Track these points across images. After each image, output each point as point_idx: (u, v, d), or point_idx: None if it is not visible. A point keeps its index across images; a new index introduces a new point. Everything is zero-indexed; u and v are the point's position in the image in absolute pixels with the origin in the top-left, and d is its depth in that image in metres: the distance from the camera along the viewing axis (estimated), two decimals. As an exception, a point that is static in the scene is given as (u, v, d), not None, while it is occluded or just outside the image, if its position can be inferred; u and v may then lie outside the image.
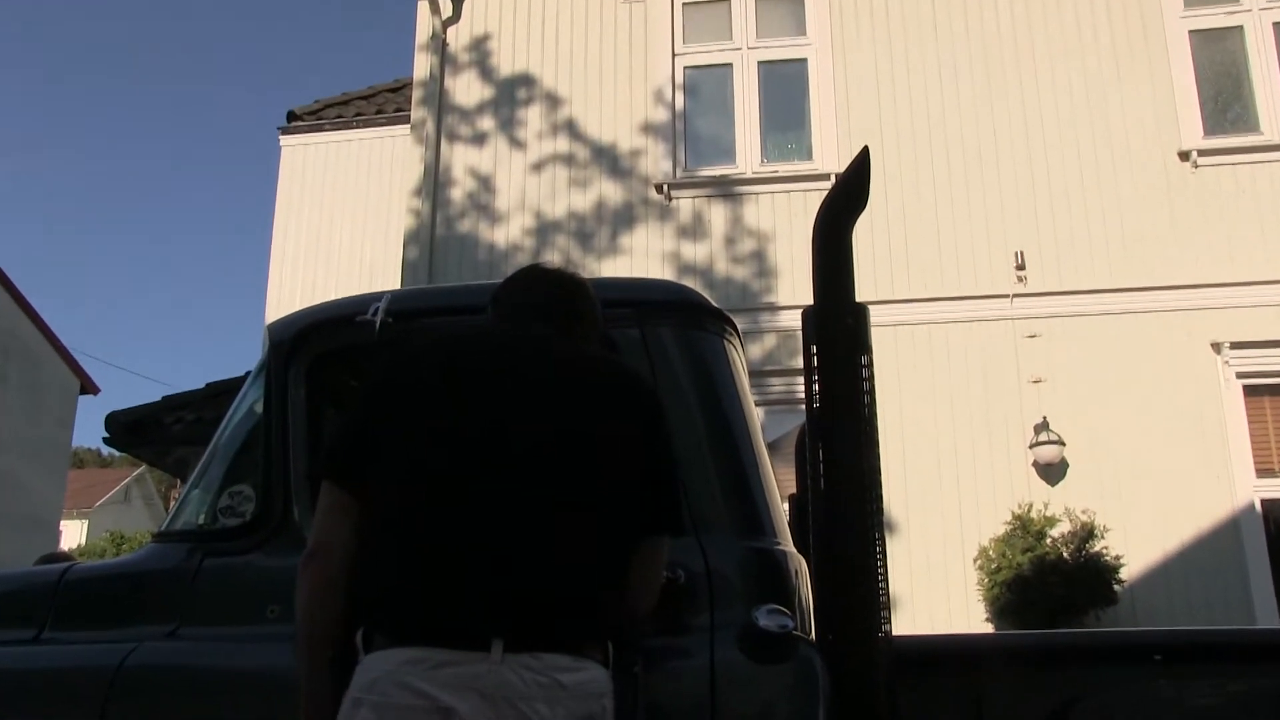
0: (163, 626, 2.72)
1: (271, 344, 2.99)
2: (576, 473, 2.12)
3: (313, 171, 13.40)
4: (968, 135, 9.77)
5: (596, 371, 2.28)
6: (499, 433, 2.12)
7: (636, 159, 10.27)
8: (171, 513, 3.18)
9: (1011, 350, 9.16)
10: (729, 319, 3.00)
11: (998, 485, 8.82)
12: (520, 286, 2.49)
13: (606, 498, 2.14)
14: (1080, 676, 2.74)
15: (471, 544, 2.02)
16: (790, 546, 2.78)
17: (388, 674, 1.96)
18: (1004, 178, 9.61)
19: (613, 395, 2.24)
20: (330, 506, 2.19)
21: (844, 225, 2.67)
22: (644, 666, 2.25)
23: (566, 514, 2.08)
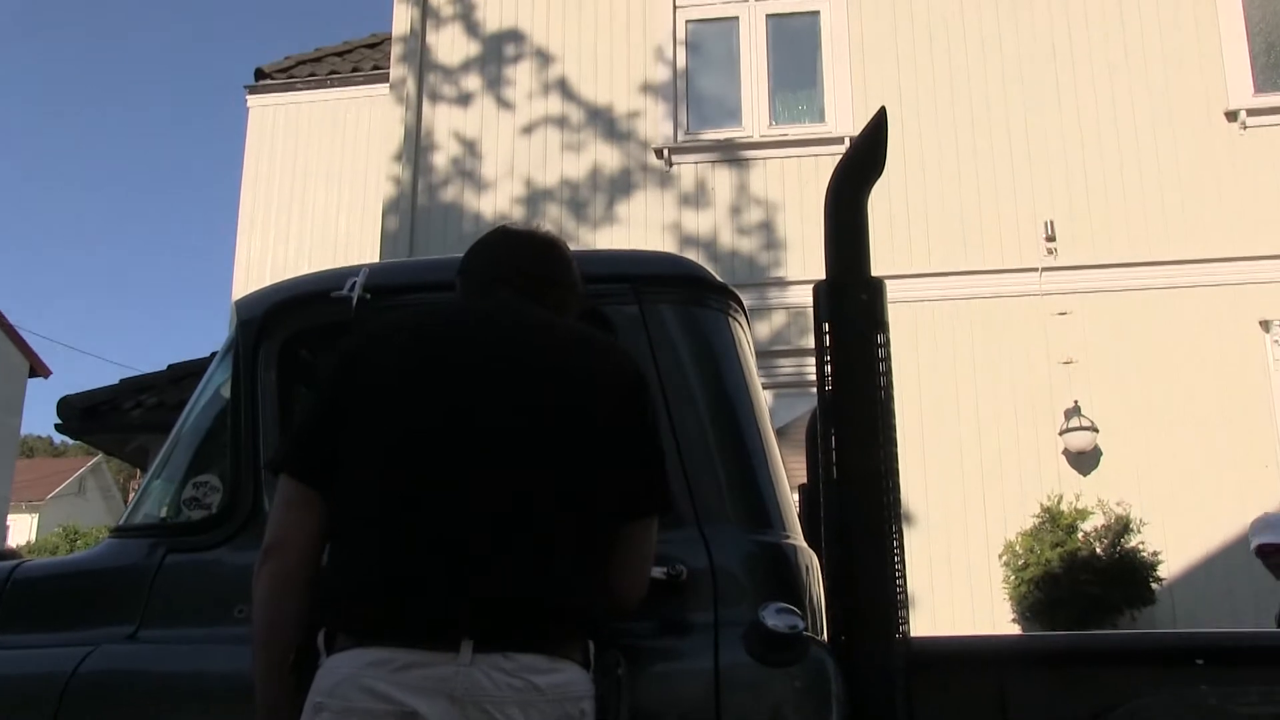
0: (121, 628, 2.73)
1: (239, 322, 2.98)
2: (552, 458, 2.13)
3: (283, 135, 13.38)
4: (993, 94, 9.75)
5: (574, 347, 2.29)
6: (469, 419, 2.13)
7: (634, 121, 10.25)
8: (131, 505, 3.18)
9: (1040, 329, 9.16)
10: (734, 294, 3.00)
11: (1025, 475, 8.84)
12: (488, 254, 2.49)
13: (586, 483, 2.15)
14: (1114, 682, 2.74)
15: (439, 537, 2.04)
16: (800, 540, 2.78)
17: (350, 677, 1.97)
18: (1032, 141, 9.60)
19: (592, 371, 2.25)
20: (289, 500, 2.20)
21: (859, 193, 2.67)
22: (628, 667, 2.26)
23: (542, 502, 2.09)
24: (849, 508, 2.53)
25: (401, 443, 2.12)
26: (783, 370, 9.33)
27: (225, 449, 2.92)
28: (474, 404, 2.14)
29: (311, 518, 2.17)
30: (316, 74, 13.52)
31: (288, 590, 2.14)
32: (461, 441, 2.11)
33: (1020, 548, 8.38)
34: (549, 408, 2.17)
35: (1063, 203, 9.44)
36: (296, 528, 2.17)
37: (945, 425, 8.97)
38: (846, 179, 2.69)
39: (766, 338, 9.31)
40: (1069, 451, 8.82)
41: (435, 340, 2.26)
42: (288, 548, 2.16)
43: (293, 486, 2.20)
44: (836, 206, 2.68)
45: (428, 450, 2.10)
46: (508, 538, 2.04)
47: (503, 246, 2.50)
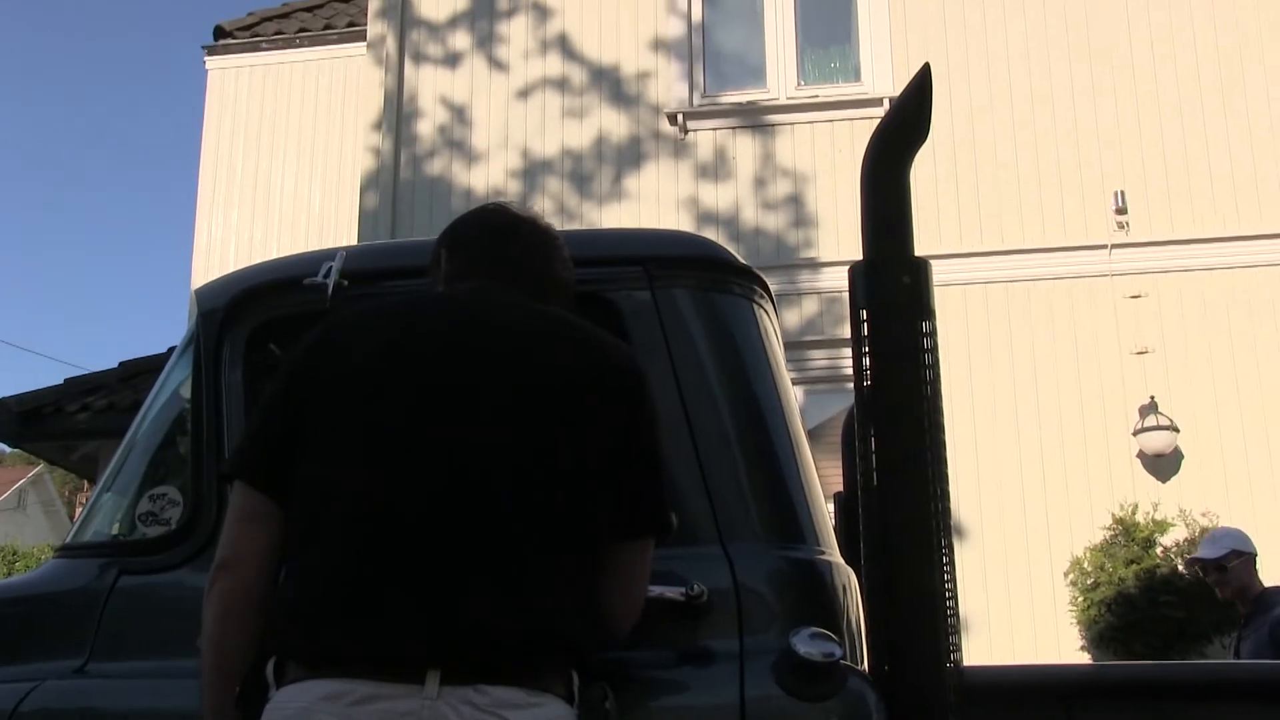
0: (68, 661, 2.74)
1: (201, 313, 3.00)
2: (535, 468, 2.14)
3: (247, 101, 13.40)
4: (1055, 48, 9.73)
5: (561, 342, 2.29)
6: (440, 424, 2.14)
7: (644, 83, 10.25)
8: (78, 521, 3.20)
9: (1110, 314, 9.15)
10: (759, 278, 3.00)
11: (1094, 481, 8.82)
12: (464, 239, 2.50)
13: (573, 496, 2.16)
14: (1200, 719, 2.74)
15: (404, 554, 2.04)
16: (836, 556, 2.79)
17: (301, 711, 1.98)
18: (1101, 102, 9.57)
19: (581, 370, 2.26)
20: (242, 514, 2.22)
21: (900, 162, 2.67)
22: (617, 701, 2.26)
23: (521, 517, 2.10)
24: (891, 519, 2.54)
25: (363, 450, 2.13)
26: (815, 364, 9.34)
27: (185, 457, 2.94)
28: (446, 407, 2.16)
29: (268, 531, 2.19)
30: (284, 32, 13.54)
31: (241, 612, 2.16)
32: (431, 448, 2.12)
33: (1089, 565, 8.37)
34: (532, 412, 2.18)
35: (1135, 171, 9.42)
36: (251, 542, 2.19)
37: (1001, 425, 8.95)
38: (886, 146, 2.69)
39: (796, 327, 9.31)
40: (1145, 454, 8.81)
41: (403, 336, 2.27)
42: (242, 564, 2.18)
43: (248, 496, 2.22)
44: (875, 177, 2.68)
45: (392, 458, 2.11)
46: (481, 556, 2.05)
47: (481, 230, 2.51)
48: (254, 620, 2.14)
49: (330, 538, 2.08)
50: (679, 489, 2.60)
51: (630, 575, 2.28)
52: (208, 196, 13.24)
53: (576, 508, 2.16)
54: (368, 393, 2.18)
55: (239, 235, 12.93)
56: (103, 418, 11.08)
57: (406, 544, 2.05)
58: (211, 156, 13.34)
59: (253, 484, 2.22)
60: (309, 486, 2.15)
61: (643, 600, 2.32)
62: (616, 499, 2.22)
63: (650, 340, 2.72)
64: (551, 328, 2.32)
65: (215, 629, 2.18)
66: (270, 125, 13.29)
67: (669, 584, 2.46)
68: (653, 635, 2.45)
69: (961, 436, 8.38)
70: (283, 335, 2.88)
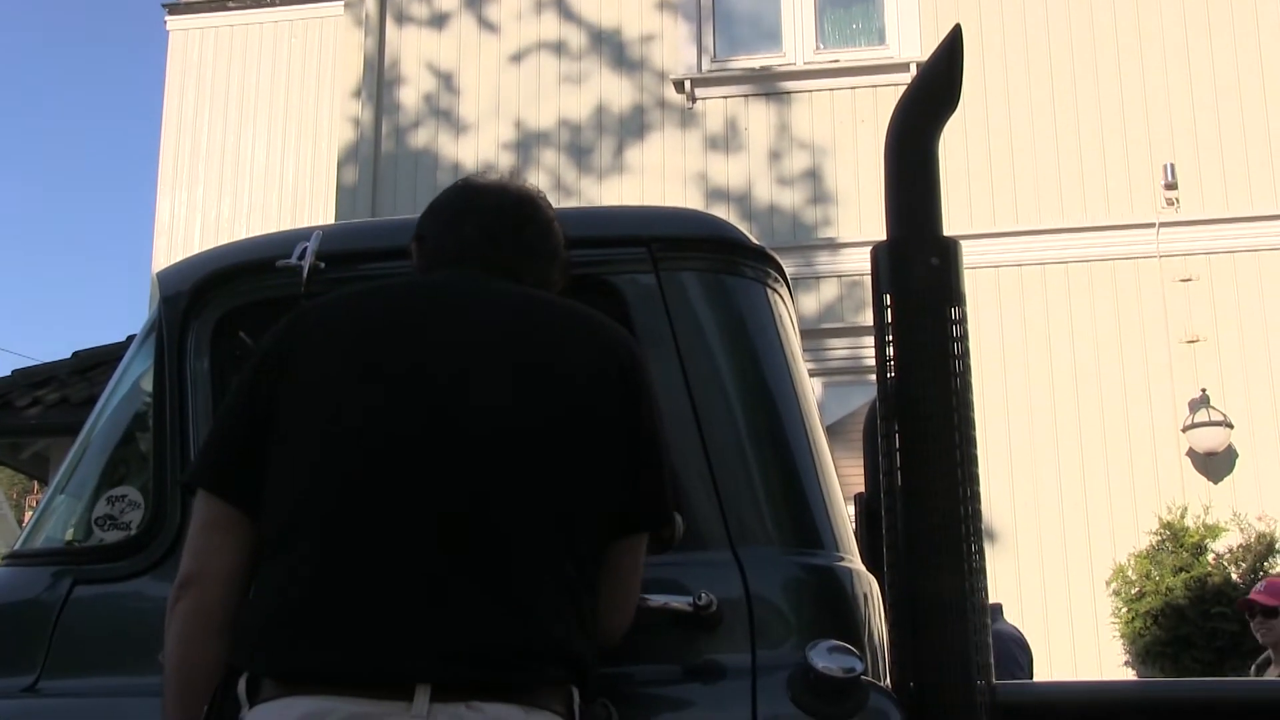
0: (18, 679, 2.74)
1: (163, 298, 3.00)
2: (527, 463, 2.14)
3: (212, 66, 13.40)
4: (1100, 8, 9.72)
5: (553, 327, 2.30)
6: (423, 418, 2.14)
7: (649, 47, 10.25)
8: (29, 526, 3.20)
9: (1158, 299, 9.15)
10: (774, 260, 3.01)
11: (1139, 482, 8.83)
12: (447, 218, 2.50)
13: (569, 494, 2.17)
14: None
15: (387, 561, 2.05)
16: (857, 562, 2.79)
17: None
18: (1149, 66, 9.56)
19: (575, 356, 2.27)
20: (208, 523, 2.22)
21: (928, 133, 2.68)
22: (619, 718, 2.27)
23: (513, 517, 2.11)
24: (917, 523, 2.54)
25: (340, 449, 2.14)
26: (835, 353, 9.35)
27: (147, 456, 2.94)
28: (430, 403, 2.16)
29: (235, 542, 2.19)
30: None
31: (207, 630, 2.16)
32: (414, 447, 2.12)
33: (1134, 573, 8.39)
34: (522, 405, 2.18)
35: (1186, 144, 9.41)
36: (217, 554, 2.19)
37: (1038, 421, 8.96)
38: (913, 115, 2.70)
39: (814, 313, 9.32)
40: (1195, 452, 8.82)
41: (381, 324, 2.27)
42: (207, 579, 2.18)
43: (211, 505, 2.22)
44: (900, 150, 2.69)
45: (372, 458, 2.12)
46: (472, 562, 2.06)
47: (465, 207, 2.50)
48: (221, 639, 2.14)
49: (306, 544, 2.08)
50: (685, 490, 2.60)
51: (624, 575, 2.29)
52: (170, 171, 13.25)
53: (573, 508, 2.17)
54: (344, 388, 2.19)
55: (205, 212, 12.95)
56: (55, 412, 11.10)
57: (390, 550, 2.06)
58: (174, 126, 13.35)
59: (217, 492, 2.22)
60: (282, 489, 2.15)
61: (635, 603, 2.33)
62: (614, 494, 2.23)
63: (654, 327, 2.73)
64: (539, 314, 2.33)
65: (179, 649, 2.18)
66: (239, 92, 13.30)
67: (675, 593, 2.46)
68: (658, 648, 2.46)
69: (994, 433, 8.39)
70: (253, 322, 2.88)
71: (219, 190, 13.05)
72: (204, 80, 13.37)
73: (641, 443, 2.28)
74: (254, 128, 13.17)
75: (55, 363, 12.18)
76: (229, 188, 13.05)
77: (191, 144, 13.24)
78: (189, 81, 13.40)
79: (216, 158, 13.16)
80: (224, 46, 13.44)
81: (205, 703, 2.14)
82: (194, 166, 13.17)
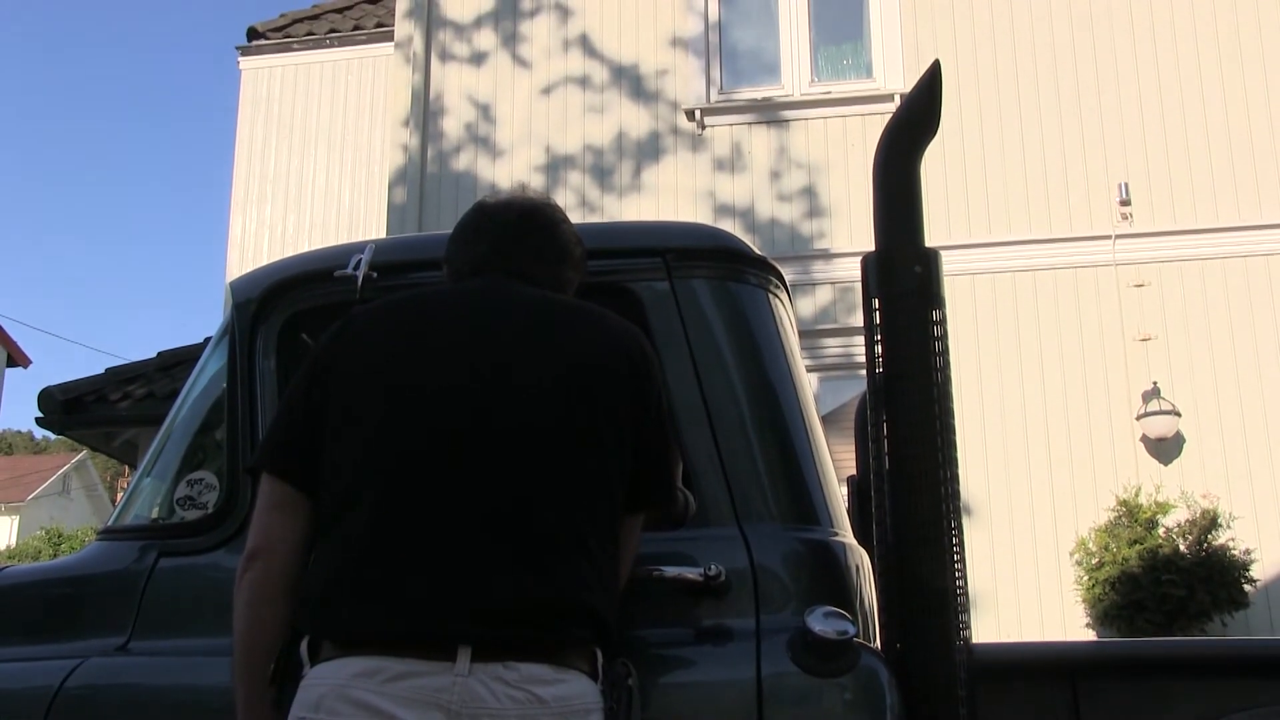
0: (111, 639, 2.75)
1: (235, 305, 3.00)
2: (553, 446, 2.15)
3: (279, 100, 13.42)
4: (1061, 45, 9.69)
5: (570, 324, 2.30)
6: (458, 407, 2.15)
7: (663, 80, 10.23)
8: (119, 505, 3.21)
9: (1114, 302, 9.12)
10: (775, 268, 3.00)
11: (1099, 464, 8.80)
12: (467, 236, 2.50)
13: (591, 473, 2.17)
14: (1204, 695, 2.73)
15: (433, 535, 2.05)
16: (850, 538, 2.78)
17: (336, 688, 1.98)
18: (1105, 95, 9.53)
19: (590, 350, 2.27)
20: (271, 504, 2.22)
21: (911, 155, 2.66)
22: (639, 677, 2.26)
23: (543, 495, 2.11)
24: (903, 501, 2.53)
25: (387, 435, 2.14)
26: (829, 351, 9.32)
27: (221, 443, 2.95)
28: (466, 393, 2.16)
29: (296, 520, 2.20)
30: (315, 32, 13.55)
31: (271, 598, 2.17)
32: (452, 431, 2.13)
33: (1094, 545, 8.35)
34: (548, 394, 2.18)
35: (1139, 163, 9.38)
36: (280, 530, 2.20)
37: (1009, 410, 8.94)
38: (897, 140, 2.68)
39: (810, 315, 9.30)
40: (1148, 438, 8.78)
41: (421, 326, 2.28)
42: (270, 553, 2.19)
43: (274, 487, 2.23)
44: (886, 170, 2.67)
45: (416, 443, 2.12)
46: (507, 535, 2.06)
47: (477, 227, 2.50)
48: (284, 606, 2.16)
49: (360, 521, 2.09)
50: (696, 472, 2.60)
51: (625, 548, 2.30)
52: (242, 192, 13.26)
53: (595, 486, 2.17)
54: (386, 383, 2.19)
55: (272, 229, 12.96)
56: (142, 405, 11.13)
57: (434, 524, 2.06)
58: (245, 153, 13.36)
59: (279, 475, 2.23)
60: (336, 472, 2.16)
61: (628, 571, 2.33)
62: (626, 475, 2.23)
63: (669, 329, 2.72)
64: (561, 314, 2.33)
65: (247, 615, 2.19)
66: (302, 123, 13.31)
67: (688, 565, 2.46)
68: (673, 614, 2.46)
69: (970, 421, 8.37)
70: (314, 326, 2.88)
71: (284, 209, 13.06)
72: (272, 112, 13.39)
73: (650, 429, 2.29)
74: (315, 154, 13.18)
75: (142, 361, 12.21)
76: (293, 207, 13.06)
77: (260, 167, 13.25)
78: (259, 113, 13.42)
79: (282, 180, 13.17)
80: (290, 83, 13.45)
81: (271, 661, 2.14)
82: (263, 188, 13.19)
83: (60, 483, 47.67)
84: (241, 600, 2.20)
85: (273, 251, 12.15)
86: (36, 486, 46.43)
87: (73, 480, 48.60)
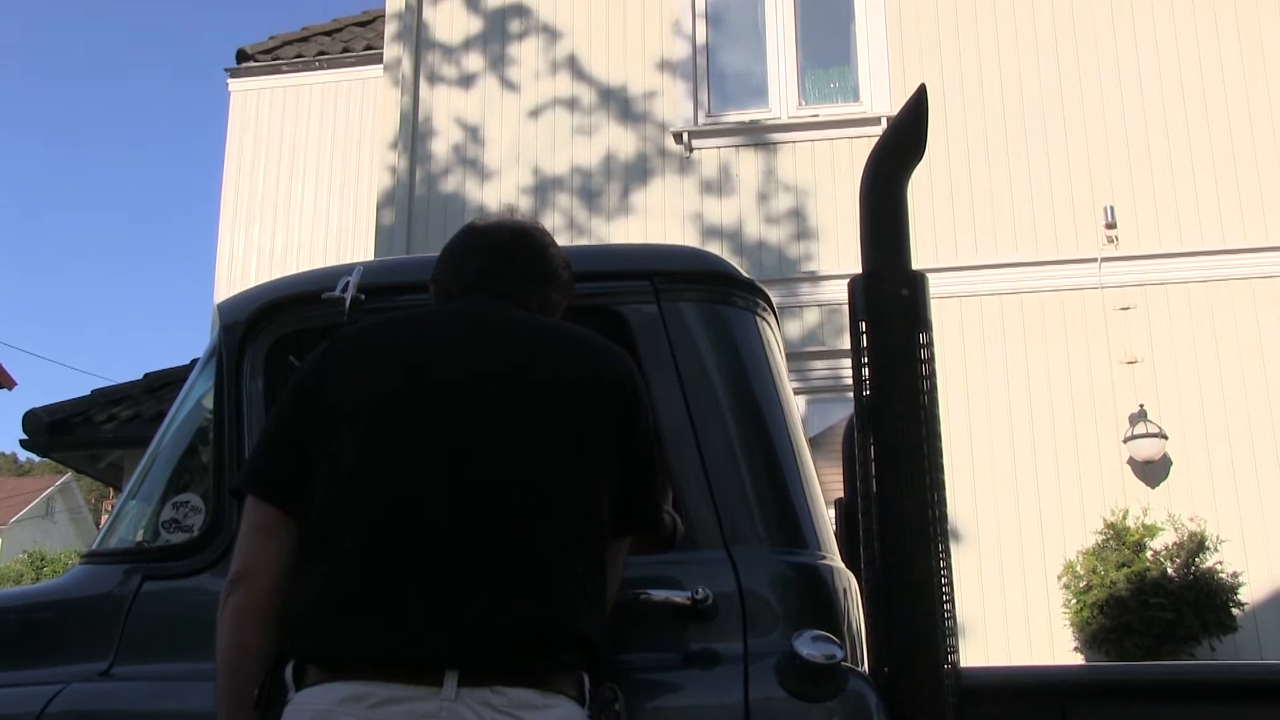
0: (94, 664, 2.73)
1: (223, 326, 3.00)
2: (539, 469, 2.14)
3: (268, 121, 13.42)
4: (1045, 68, 9.73)
5: (557, 347, 2.30)
6: (453, 431, 2.14)
7: (651, 102, 10.26)
8: (104, 528, 3.19)
9: (1101, 325, 9.13)
10: (762, 291, 3.00)
11: (1086, 487, 8.80)
12: (455, 259, 2.50)
13: (579, 499, 2.17)
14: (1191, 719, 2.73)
15: (420, 558, 2.04)
16: (837, 561, 2.78)
17: (321, 713, 1.97)
18: (1090, 120, 9.57)
19: (577, 373, 2.27)
20: (256, 526, 2.21)
21: (898, 178, 2.67)
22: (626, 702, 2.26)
23: (530, 519, 2.10)
24: (891, 525, 2.53)
25: (375, 457, 2.13)
26: (816, 373, 9.32)
27: (208, 466, 2.93)
28: (453, 415, 2.16)
29: (281, 542, 2.18)
30: (304, 55, 13.57)
31: (255, 622, 2.15)
32: (439, 456, 2.12)
33: (1082, 568, 8.35)
34: (535, 417, 2.18)
35: (1124, 187, 9.41)
36: (264, 553, 2.18)
37: (996, 433, 8.94)
38: (884, 163, 2.69)
39: (798, 338, 9.30)
40: (1135, 461, 8.79)
41: (407, 348, 2.28)
42: (255, 576, 2.17)
43: (259, 508, 2.21)
44: (873, 193, 2.68)
45: (402, 465, 2.12)
46: (495, 559, 2.05)
47: (466, 248, 2.51)
48: (269, 630, 2.14)
49: (346, 544, 2.08)
50: (684, 495, 2.60)
51: (614, 571, 2.29)
52: (230, 213, 13.26)
53: (583, 509, 2.17)
54: (372, 404, 2.18)
55: (260, 250, 12.95)
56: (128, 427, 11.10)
57: (421, 548, 2.05)
58: (234, 174, 13.36)
59: (264, 497, 2.22)
60: (322, 494, 2.15)
61: (616, 595, 2.32)
62: (612, 497, 2.22)
63: (657, 351, 2.72)
64: (548, 336, 2.33)
65: (230, 639, 2.18)
66: (290, 144, 13.32)
67: (675, 588, 2.45)
68: (660, 638, 2.45)
69: (958, 444, 8.37)
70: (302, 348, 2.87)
71: (273, 230, 13.05)
72: (260, 133, 13.40)
73: (638, 453, 2.28)
74: (304, 175, 13.18)
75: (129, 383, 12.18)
76: (281, 228, 13.05)
77: (249, 189, 13.25)
78: (247, 134, 13.42)
79: (270, 201, 13.17)
80: (278, 104, 13.46)
81: (255, 687, 2.13)
82: (251, 209, 13.18)
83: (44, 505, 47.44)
84: (225, 624, 2.18)
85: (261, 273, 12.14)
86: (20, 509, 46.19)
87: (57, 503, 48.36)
